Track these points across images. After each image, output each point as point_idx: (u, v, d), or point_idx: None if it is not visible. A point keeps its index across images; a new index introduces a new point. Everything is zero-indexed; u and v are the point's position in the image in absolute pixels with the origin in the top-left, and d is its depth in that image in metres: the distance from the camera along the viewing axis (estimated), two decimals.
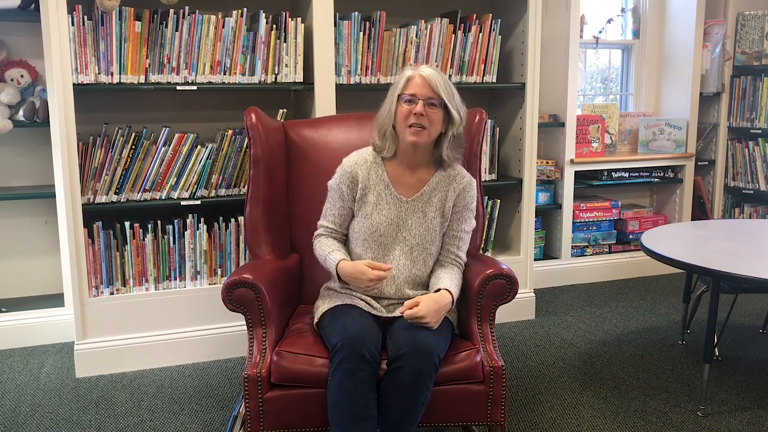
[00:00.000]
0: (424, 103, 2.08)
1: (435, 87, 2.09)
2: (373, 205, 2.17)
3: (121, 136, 2.88)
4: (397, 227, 2.17)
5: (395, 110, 2.14)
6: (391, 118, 2.15)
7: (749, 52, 4.39)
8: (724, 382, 2.86)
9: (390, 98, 2.16)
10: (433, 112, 2.09)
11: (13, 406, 2.65)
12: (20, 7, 2.99)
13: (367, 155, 2.23)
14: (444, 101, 2.10)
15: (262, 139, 2.43)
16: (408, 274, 2.18)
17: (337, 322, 2.04)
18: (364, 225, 2.18)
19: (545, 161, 4.05)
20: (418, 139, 2.11)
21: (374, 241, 2.17)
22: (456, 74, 3.35)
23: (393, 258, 2.18)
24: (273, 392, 2.01)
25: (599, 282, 4.27)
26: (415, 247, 2.17)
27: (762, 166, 4.41)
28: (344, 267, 2.12)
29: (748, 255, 2.72)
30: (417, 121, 2.08)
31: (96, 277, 2.93)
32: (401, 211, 2.18)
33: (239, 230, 3.08)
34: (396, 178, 2.20)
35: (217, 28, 2.92)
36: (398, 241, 2.17)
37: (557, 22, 3.95)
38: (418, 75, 2.11)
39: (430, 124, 2.10)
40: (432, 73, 2.11)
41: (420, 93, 2.09)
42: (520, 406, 2.63)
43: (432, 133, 2.13)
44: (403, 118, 2.11)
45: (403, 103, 2.11)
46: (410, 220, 2.18)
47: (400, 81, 2.14)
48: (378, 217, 2.17)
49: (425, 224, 2.18)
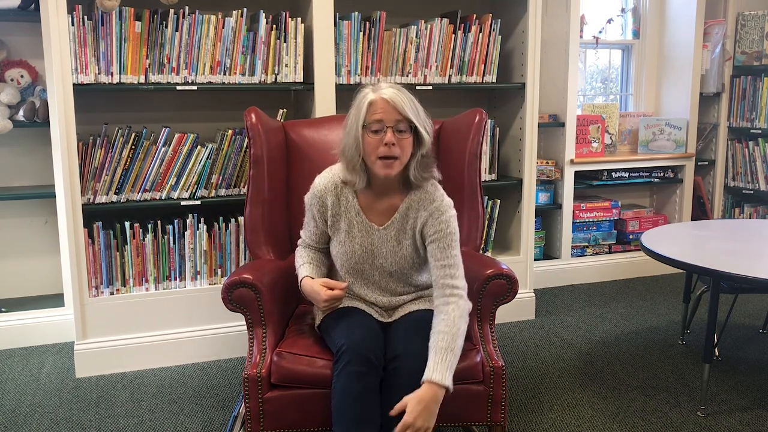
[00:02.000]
0: (393, 130, 1.93)
1: (401, 109, 1.93)
2: (346, 233, 2.10)
3: (121, 136, 2.88)
4: (372, 255, 2.10)
5: (362, 141, 1.97)
6: (359, 151, 1.98)
7: (749, 52, 4.39)
8: (724, 382, 2.86)
9: (353, 128, 1.98)
10: (403, 139, 1.95)
11: (13, 406, 2.65)
12: (20, 7, 2.99)
13: (337, 178, 2.10)
14: (413, 123, 1.95)
15: (262, 139, 2.43)
16: (395, 288, 2.15)
17: (342, 324, 2.02)
18: (340, 251, 2.13)
19: (545, 161, 4.05)
20: (391, 171, 1.97)
21: (351, 267, 2.13)
22: (456, 74, 3.35)
23: (374, 281, 2.14)
24: (273, 392, 2.01)
25: (599, 282, 4.27)
26: (394, 273, 2.12)
27: (762, 166, 4.42)
28: (304, 285, 2.10)
29: (748, 255, 2.72)
30: (389, 153, 1.94)
31: (96, 277, 2.93)
32: (374, 239, 2.09)
33: (239, 230, 3.08)
34: (367, 205, 2.10)
35: (217, 28, 2.92)
36: (375, 267, 2.12)
37: (557, 22, 3.96)
38: (380, 99, 1.94)
39: (402, 153, 1.96)
40: (394, 93, 1.94)
41: (387, 119, 1.92)
42: (520, 406, 2.63)
43: (404, 161, 1.99)
44: (371, 150, 1.95)
45: (370, 133, 1.94)
46: (384, 249, 2.10)
47: (362, 107, 1.96)
48: (351, 245, 2.10)
49: (401, 252, 2.09)
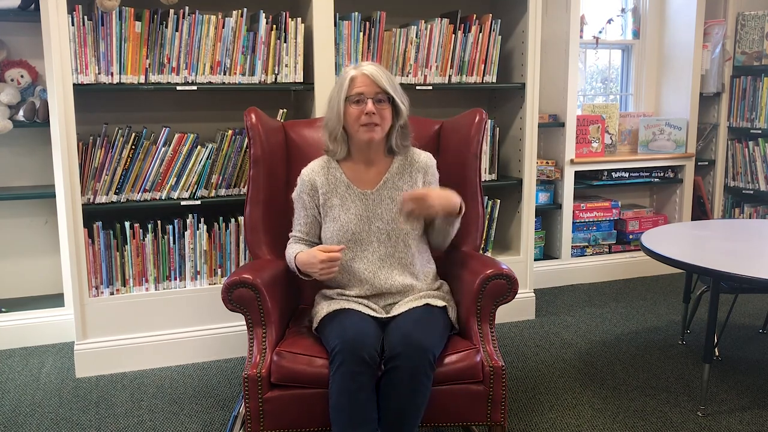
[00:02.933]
0: (372, 101, 2.11)
1: (380, 82, 2.12)
2: (339, 207, 2.20)
3: (121, 136, 2.88)
4: (368, 220, 2.19)
5: (344, 113, 2.15)
6: (340, 122, 2.16)
7: (749, 52, 4.39)
8: (724, 382, 2.86)
9: (336, 101, 2.17)
10: (382, 109, 2.13)
11: (13, 406, 2.65)
12: (20, 7, 2.99)
13: (322, 162, 2.27)
14: (391, 95, 2.14)
15: (262, 139, 2.43)
16: (392, 260, 2.19)
17: (336, 325, 2.04)
18: (335, 228, 2.20)
19: (545, 161, 4.05)
20: (374, 135, 2.14)
21: (348, 240, 2.18)
22: (456, 74, 3.35)
23: (372, 251, 2.19)
24: (273, 392, 2.01)
25: (599, 282, 4.27)
26: (390, 233, 2.19)
27: (762, 166, 4.42)
28: (300, 257, 2.16)
29: (748, 255, 2.72)
30: (369, 121, 2.11)
31: (96, 277, 2.93)
32: (368, 203, 2.21)
33: (239, 230, 3.08)
34: (354, 177, 2.24)
35: (217, 28, 2.92)
36: (372, 232, 2.19)
37: (557, 22, 3.95)
38: (361, 74, 2.13)
39: (382, 121, 2.14)
40: (374, 70, 2.13)
41: (367, 91, 2.11)
42: (520, 406, 2.63)
43: (385, 128, 2.17)
44: (354, 119, 2.14)
45: (352, 104, 2.13)
46: (380, 209, 2.20)
47: (344, 83, 2.14)
48: (347, 216, 2.19)
49: (396, 209, 2.19)
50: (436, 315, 2.12)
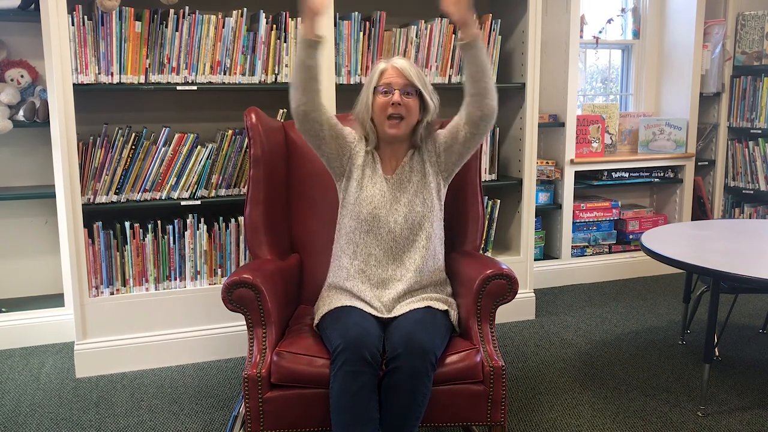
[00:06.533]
0: (400, 93, 2.14)
1: (409, 76, 2.15)
2: (369, 178, 2.22)
3: (121, 136, 2.88)
4: (388, 201, 2.21)
5: (372, 103, 2.18)
6: (368, 111, 2.19)
7: (749, 52, 4.39)
8: (724, 382, 2.86)
9: (365, 92, 2.21)
10: (409, 101, 2.15)
11: (13, 406, 2.65)
12: (20, 7, 2.99)
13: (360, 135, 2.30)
14: (419, 89, 2.16)
15: (262, 139, 2.43)
16: (406, 243, 2.19)
17: (338, 324, 2.04)
18: (360, 196, 2.21)
19: (545, 161, 4.05)
20: (398, 131, 2.17)
21: (365, 218, 2.19)
22: (456, 74, 3.35)
23: (380, 240, 2.19)
24: (273, 392, 2.01)
25: (599, 282, 4.27)
26: (408, 214, 2.20)
27: (762, 166, 4.42)
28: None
29: (748, 255, 2.72)
30: (395, 111, 2.14)
31: (96, 277, 2.93)
32: (389, 186, 2.23)
33: (239, 230, 3.08)
34: (380, 160, 2.27)
35: (217, 28, 2.92)
36: (390, 213, 2.20)
37: (557, 22, 3.96)
38: (391, 67, 2.17)
39: (408, 113, 2.16)
40: (405, 64, 2.17)
41: (395, 82, 2.15)
42: (520, 406, 2.63)
43: (410, 122, 2.18)
44: (381, 109, 2.16)
45: (380, 94, 2.16)
46: (398, 193, 2.22)
47: (375, 74, 2.19)
48: (372, 190, 2.21)
49: (412, 190, 2.21)
50: (437, 317, 2.12)
